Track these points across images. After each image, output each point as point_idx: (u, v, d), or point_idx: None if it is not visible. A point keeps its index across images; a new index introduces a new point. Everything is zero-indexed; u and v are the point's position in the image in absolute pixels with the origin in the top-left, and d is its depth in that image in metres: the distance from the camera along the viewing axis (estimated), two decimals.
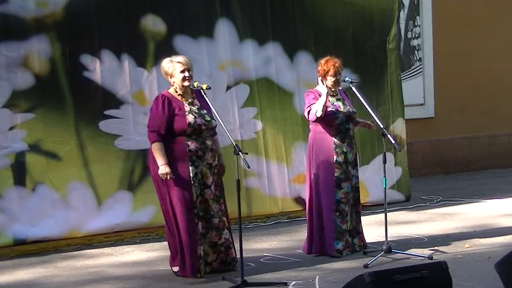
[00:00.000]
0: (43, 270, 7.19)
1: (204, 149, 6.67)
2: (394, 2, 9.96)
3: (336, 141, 7.35)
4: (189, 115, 6.63)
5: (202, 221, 6.69)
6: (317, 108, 7.19)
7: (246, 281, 6.31)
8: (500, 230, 8.20)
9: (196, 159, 6.64)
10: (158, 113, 6.62)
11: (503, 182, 11.49)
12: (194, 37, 8.67)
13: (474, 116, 12.68)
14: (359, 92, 7.36)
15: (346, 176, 7.37)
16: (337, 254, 7.29)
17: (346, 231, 7.36)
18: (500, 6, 12.92)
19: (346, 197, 7.37)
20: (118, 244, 8.05)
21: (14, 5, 7.81)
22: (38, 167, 7.91)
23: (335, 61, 7.34)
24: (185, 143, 6.62)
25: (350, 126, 7.42)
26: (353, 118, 7.44)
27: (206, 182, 6.68)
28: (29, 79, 7.90)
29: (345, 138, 7.38)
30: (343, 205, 7.36)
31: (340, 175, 7.35)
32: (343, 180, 7.36)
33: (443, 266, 5.31)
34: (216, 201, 6.76)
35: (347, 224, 7.37)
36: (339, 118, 7.33)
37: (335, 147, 7.34)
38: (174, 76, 6.71)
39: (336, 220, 7.32)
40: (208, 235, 6.74)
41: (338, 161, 7.34)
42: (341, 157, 7.35)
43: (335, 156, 7.33)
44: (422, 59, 12.36)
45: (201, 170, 6.66)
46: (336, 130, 7.34)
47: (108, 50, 8.22)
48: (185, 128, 6.59)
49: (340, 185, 7.35)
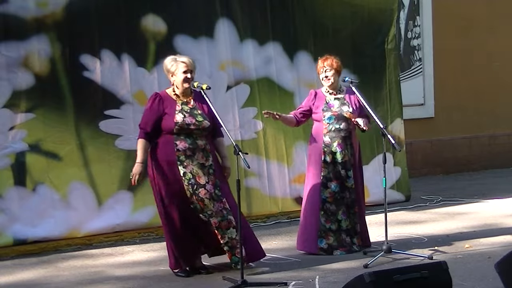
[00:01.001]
0: (43, 270, 7.19)
1: (194, 148, 6.63)
2: (394, 2, 9.96)
3: (326, 141, 7.38)
4: (178, 115, 6.62)
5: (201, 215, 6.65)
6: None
7: (246, 281, 6.30)
8: (500, 230, 8.20)
9: (184, 158, 6.61)
10: (147, 111, 6.68)
11: (503, 182, 11.50)
12: (194, 37, 8.68)
13: (474, 116, 12.69)
14: (359, 92, 7.39)
15: (335, 176, 7.38)
16: (321, 253, 7.32)
17: (334, 230, 7.38)
18: (500, 6, 12.93)
19: (332, 197, 7.38)
20: (118, 244, 8.05)
21: (14, 5, 7.81)
22: (38, 167, 7.91)
23: (325, 58, 7.46)
24: (173, 143, 6.62)
25: (341, 126, 7.40)
26: (346, 118, 7.42)
27: (198, 181, 6.64)
28: (29, 79, 7.90)
29: (335, 138, 7.39)
30: (329, 204, 7.38)
31: (327, 175, 7.37)
32: (330, 180, 7.38)
33: (443, 266, 5.31)
34: (215, 199, 6.70)
35: (337, 223, 7.39)
36: (327, 117, 7.35)
37: (324, 146, 7.38)
38: (175, 75, 6.71)
39: (321, 218, 7.34)
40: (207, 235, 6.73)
41: (326, 160, 7.36)
42: (329, 156, 7.37)
43: (323, 155, 7.36)
44: (422, 59, 12.36)
45: (190, 169, 6.63)
46: (326, 129, 7.38)
47: (108, 50, 8.22)
48: (172, 127, 6.58)
49: (327, 185, 7.37)
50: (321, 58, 7.53)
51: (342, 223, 7.43)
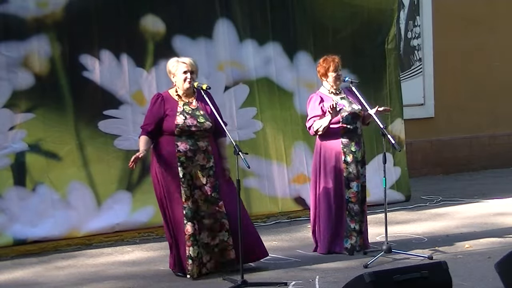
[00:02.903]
0: (43, 270, 7.19)
1: (195, 150, 6.63)
2: (394, 2, 9.95)
3: (344, 141, 7.35)
4: (179, 116, 6.61)
5: (193, 221, 6.60)
6: (320, 127, 7.23)
7: (246, 281, 6.31)
8: (500, 230, 8.20)
9: (185, 160, 6.60)
10: (150, 111, 6.69)
11: (503, 182, 11.49)
12: (193, 37, 8.68)
13: (474, 116, 12.68)
14: (359, 92, 7.39)
15: (355, 176, 7.38)
16: (345, 252, 7.34)
17: (357, 231, 7.38)
18: (500, 6, 12.92)
19: (355, 197, 7.38)
20: (118, 244, 8.05)
21: (14, 5, 7.82)
22: (38, 167, 7.91)
23: (333, 58, 7.43)
24: (174, 144, 6.61)
25: (357, 124, 7.41)
26: (359, 116, 7.42)
27: (195, 183, 6.64)
28: (29, 79, 7.90)
29: (353, 137, 7.38)
30: (352, 204, 7.38)
31: (349, 175, 7.36)
32: (352, 180, 7.37)
33: (443, 266, 5.31)
34: (210, 202, 6.69)
35: (356, 223, 7.40)
36: (345, 117, 7.33)
37: (343, 147, 7.34)
38: (176, 75, 6.71)
39: (346, 219, 7.35)
40: (201, 235, 6.69)
41: (347, 160, 7.34)
42: (350, 156, 7.35)
43: (343, 156, 7.33)
44: (422, 59, 12.35)
45: (190, 171, 6.62)
46: (344, 129, 7.35)
47: (107, 50, 8.22)
48: (173, 129, 6.58)
49: (349, 185, 7.37)
50: (328, 58, 7.42)
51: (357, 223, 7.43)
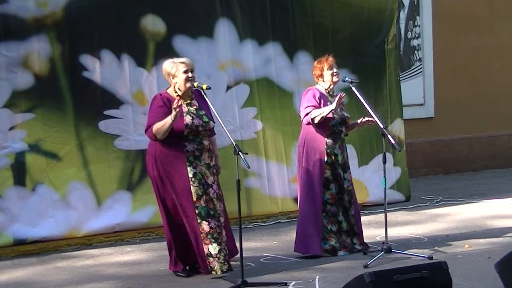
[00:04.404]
0: (43, 270, 7.19)
1: (201, 149, 6.65)
2: (394, 2, 9.96)
3: (328, 142, 7.36)
4: (186, 116, 6.61)
5: (211, 220, 6.62)
6: (318, 115, 7.21)
7: (246, 281, 6.30)
8: (500, 230, 8.20)
9: (193, 159, 6.62)
10: (154, 111, 6.59)
11: (503, 182, 11.50)
12: (193, 37, 8.67)
13: (474, 116, 12.69)
14: (359, 92, 7.38)
15: (334, 178, 7.39)
16: (325, 254, 7.30)
17: (335, 232, 7.37)
18: (500, 6, 12.93)
19: (334, 198, 7.39)
20: (118, 244, 8.05)
21: (14, 5, 7.81)
22: (38, 167, 7.91)
23: (327, 58, 7.46)
24: (182, 144, 6.61)
25: (342, 129, 7.45)
26: (347, 122, 7.46)
27: (207, 181, 6.67)
28: (29, 79, 7.90)
29: (337, 140, 7.40)
30: (330, 206, 7.38)
31: (329, 176, 7.37)
32: (331, 181, 7.38)
33: (443, 266, 5.31)
34: (219, 200, 6.74)
35: (338, 225, 7.39)
36: (334, 120, 7.34)
37: (326, 148, 7.35)
38: (176, 76, 6.68)
39: (323, 220, 7.34)
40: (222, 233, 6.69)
41: (328, 162, 7.35)
42: (331, 158, 7.36)
43: (325, 156, 7.35)
44: (422, 59, 12.36)
45: (200, 170, 6.65)
46: (330, 131, 7.36)
47: (108, 50, 8.22)
48: (182, 129, 6.57)
49: (328, 186, 7.37)
50: (322, 59, 7.47)
51: (343, 224, 7.43)
